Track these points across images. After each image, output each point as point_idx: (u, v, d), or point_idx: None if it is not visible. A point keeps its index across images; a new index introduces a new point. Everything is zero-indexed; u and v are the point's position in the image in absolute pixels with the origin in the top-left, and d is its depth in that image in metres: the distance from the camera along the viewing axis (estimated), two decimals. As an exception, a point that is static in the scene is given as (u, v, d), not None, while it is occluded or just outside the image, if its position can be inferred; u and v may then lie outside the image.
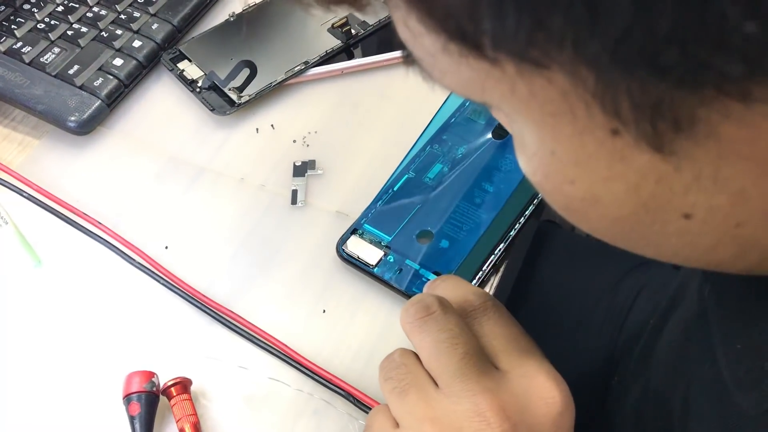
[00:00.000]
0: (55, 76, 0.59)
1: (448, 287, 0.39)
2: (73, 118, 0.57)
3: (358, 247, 0.51)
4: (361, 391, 0.44)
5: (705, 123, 0.19)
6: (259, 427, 0.45)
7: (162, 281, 0.50)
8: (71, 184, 0.55)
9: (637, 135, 0.20)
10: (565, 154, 0.23)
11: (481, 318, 0.37)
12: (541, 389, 0.34)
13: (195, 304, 0.49)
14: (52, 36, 0.61)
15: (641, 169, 0.22)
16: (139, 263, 0.50)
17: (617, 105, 0.19)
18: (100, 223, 0.52)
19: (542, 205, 0.53)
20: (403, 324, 0.36)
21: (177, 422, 0.44)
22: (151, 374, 0.44)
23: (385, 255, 0.50)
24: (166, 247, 0.52)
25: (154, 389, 0.44)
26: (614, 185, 0.23)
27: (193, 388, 0.45)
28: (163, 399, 0.45)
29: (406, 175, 0.54)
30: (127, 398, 0.43)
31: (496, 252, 0.50)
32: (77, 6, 0.63)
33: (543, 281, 0.73)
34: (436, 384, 0.35)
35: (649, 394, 0.50)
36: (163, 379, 0.45)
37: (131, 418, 0.43)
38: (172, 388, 0.44)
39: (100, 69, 0.59)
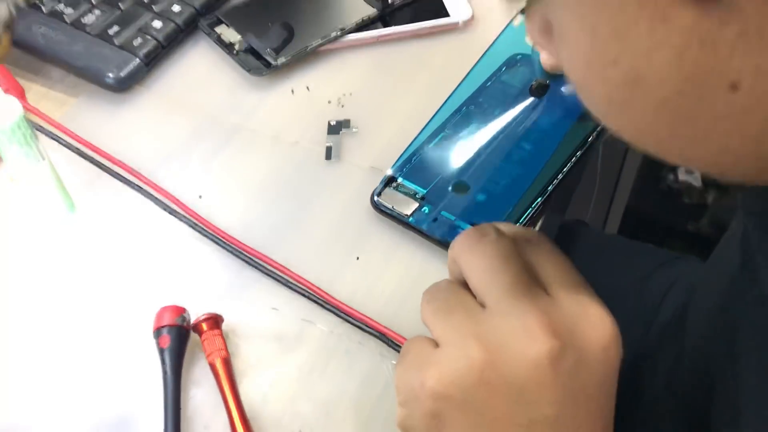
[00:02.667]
0: (95, 36, 0.60)
1: (500, 226, 0.38)
2: (111, 74, 0.57)
3: (392, 198, 0.50)
4: (394, 331, 0.43)
5: None
6: (291, 365, 0.44)
7: (195, 227, 0.49)
8: (107, 137, 0.55)
9: None
10: (606, 28, 0.22)
11: (535, 248, 0.35)
12: (593, 317, 0.33)
13: (227, 248, 0.48)
14: (94, 1, 0.62)
15: (684, 30, 0.21)
16: (172, 209, 0.50)
17: None
18: (134, 170, 0.52)
19: (582, 162, 0.52)
20: (454, 248, 0.35)
21: (207, 357, 0.43)
22: (182, 309, 0.44)
23: (420, 206, 0.49)
24: (200, 197, 0.52)
25: (185, 324, 0.43)
26: (657, 56, 0.22)
27: (224, 327, 0.45)
28: (194, 337, 0.44)
29: (443, 132, 0.54)
30: (158, 331, 0.43)
31: (533, 206, 0.49)
32: (119, -27, 0.64)
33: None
34: (483, 307, 0.34)
35: (683, 360, 0.49)
36: (195, 318, 0.44)
37: (161, 351, 0.42)
38: (203, 323, 0.43)
39: (139, 30, 0.60)
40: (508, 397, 0.31)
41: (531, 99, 0.55)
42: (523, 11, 0.58)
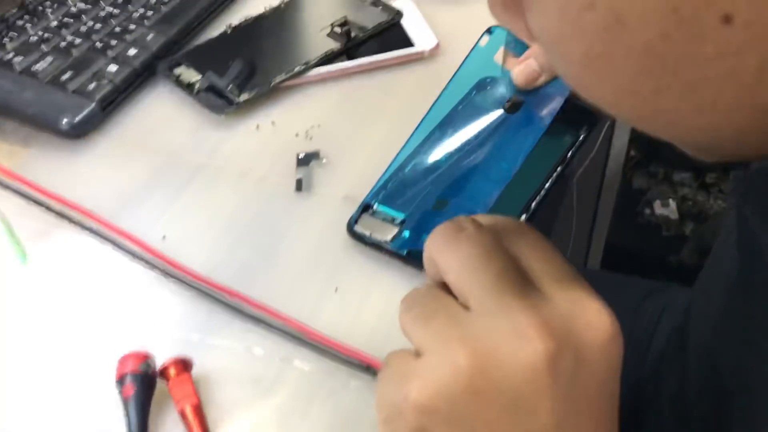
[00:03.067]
0: (47, 83, 0.57)
1: (479, 217, 0.35)
2: (65, 120, 0.54)
3: (370, 225, 0.47)
4: (382, 362, 0.40)
5: None
6: (270, 409, 0.40)
7: (159, 267, 0.46)
8: (63, 185, 0.52)
9: None
10: None
11: (520, 239, 0.32)
12: (589, 313, 0.29)
13: (194, 287, 0.45)
14: (45, 48, 0.60)
15: None
16: (133, 251, 0.47)
17: None
18: (91, 213, 0.48)
19: (563, 178, 0.50)
20: (429, 246, 0.32)
21: (176, 405, 0.39)
22: (147, 355, 0.40)
23: (400, 231, 0.47)
24: (164, 237, 0.48)
25: (150, 370, 0.39)
26: None
27: (195, 373, 0.41)
28: (162, 385, 0.40)
29: (417, 157, 0.51)
30: (120, 380, 0.39)
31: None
32: (71, 21, 0.62)
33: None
34: (467, 309, 0.30)
35: (688, 382, 0.46)
36: (161, 363, 0.40)
37: (125, 401, 0.38)
38: (170, 368, 0.39)
39: (93, 75, 0.58)
40: (501, 408, 0.27)
41: (506, 118, 0.53)
42: (488, 30, 0.57)
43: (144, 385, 0.38)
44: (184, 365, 0.40)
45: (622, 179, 1.22)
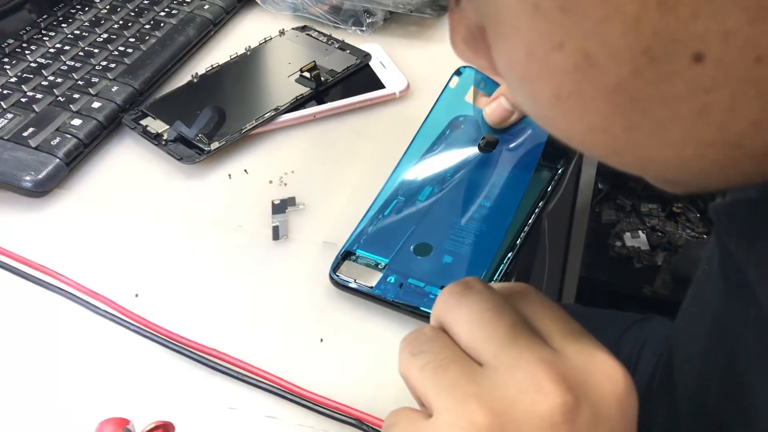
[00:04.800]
0: (7, 140, 0.55)
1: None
2: (28, 178, 0.52)
3: (353, 270, 0.46)
4: (373, 416, 0.38)
5: None
6: (258, 471, 0.37)
7: (133, 327, 0.43)
8: (26, 244, 0.49)
9: None
10: (550, 3, 0.20)
11: (526, 300, 0.31)
12: (604, 366, 0.28)
13: (171, 347, 0.42)
14: (5, 104, 0.58)
15: None
16: (104, 311, 0.44)
17: None
18: (57, 273, 0.46)
19: (542, 214, 0.50)
20: (438, 307, 0.31)
21: (159, 473, 0.36)
22: (126, 421, 0.37)
23: (385, 276, 0.45)
24: (137, 295, 0.46)
25: (130, 437, 0.37)
26: (609, 29, 0.19)
27: (176, 437, 0.38)
28: (141, 453, 0.37)
29: (396, 200, 0.50)
30: (98, 450, 0.36)
31: (504, 261, 0.46)
32: (31, 77, 0.60)
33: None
34: (480, 365, 0.29)
35: (679, 415, 0.45)
36: (141, 428, 0.38)
37: (103, 473, 0.35)
38: (152, 434, 0.37)
39: (57, 130, 0.56)
40: None
41: (482, 157, 0.53)
42: (457, 71, 0.57)
43: (123, 453, 0.36)
44: (166, 430, 0.37)
45: (591, 213, 1.22)
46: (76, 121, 0.56)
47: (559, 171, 0.53)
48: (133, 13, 0.68)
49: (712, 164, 0.23)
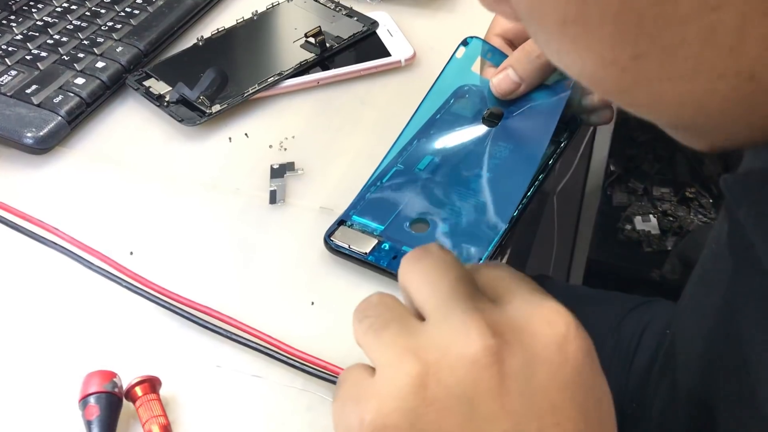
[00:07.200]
0: (10, 96, 0.55)
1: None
2: (29, 134, 0.52)
3: (348, 236, 0.46)
4: (361, 378, 0.38)
5: None
6: (242, 429, 0.38)
7: (125, 284, 0.43)
8: (26, 200, 0.50)
9: None
10: None
11: (484, 268, 0.31)
12: (546, 312, 0.28)
13: (161, 303, 0.42)
14: (9, 61, 0.58)
15: None
16: (98, 267, 0.44)
17: None
18: (55, 228, 0.46)
19: (542, 189, 0.49)
20: (399, 271, 0.31)
21: (143, 426, 0.36)
22: (112, 374, 0.38)
23: (380, 243, 0.45)
24: (131, 253, 0.46)
25: (116, 390, 0.37)
26: None
27: (163, 392, 0.38)
28: (128, 406, 0.38)
29: (395, 168, 0.50)
30: (84, 401, 0.36)
31: (500, 233, 0.45)
32: (36, 34, 0.60)
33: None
34: (422, 321, 0.29)
35: (678, 396, 0.44)
36: (128, 382, 0.38)
37: (87, 423, 0.36)
38: (137, 388, 0.37)
39: (60, 88, 0.56)
40: (459, 415, 0.26)
41: (485, 128, 0.52)
42: (464, 42, 0.56)
43: (109, 406, 0.36)
44: (152, 384, 0.38)
45: (602, 195, 1.21)
46: (80, 80, 0.56)
47: (562, 144, 0.52)
48: (141, -25, 0.68)
49: (726, 101, 0.22)
